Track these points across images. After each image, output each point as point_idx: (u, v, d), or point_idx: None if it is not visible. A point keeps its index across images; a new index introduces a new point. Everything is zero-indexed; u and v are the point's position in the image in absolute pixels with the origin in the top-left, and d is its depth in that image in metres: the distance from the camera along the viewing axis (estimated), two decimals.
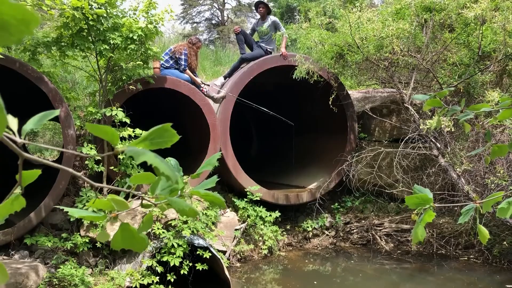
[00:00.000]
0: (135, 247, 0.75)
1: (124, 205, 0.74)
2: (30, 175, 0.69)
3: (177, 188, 0.74)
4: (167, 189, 0.73)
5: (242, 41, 8.60)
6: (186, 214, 0.73)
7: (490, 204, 1.12)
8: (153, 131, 0.64)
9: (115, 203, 0.73)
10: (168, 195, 0.73)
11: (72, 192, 6.65)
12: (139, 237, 0.74)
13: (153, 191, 0.74)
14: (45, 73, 6.11)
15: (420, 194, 1.06)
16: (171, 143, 0.66)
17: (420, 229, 1.06)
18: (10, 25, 0.45)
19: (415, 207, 1.07)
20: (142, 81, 6.62)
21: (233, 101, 7.67)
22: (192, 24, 30.82)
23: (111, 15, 5.90)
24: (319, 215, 8.34)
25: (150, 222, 0.79)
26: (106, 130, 0.64)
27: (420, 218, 1.06)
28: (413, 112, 7.00)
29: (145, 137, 0.64)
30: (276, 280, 6.57)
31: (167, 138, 0.65)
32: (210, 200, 0.81)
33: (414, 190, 1.11)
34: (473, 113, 1.29)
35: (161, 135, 0.64)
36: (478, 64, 6.85)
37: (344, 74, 8.10)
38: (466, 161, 6.47)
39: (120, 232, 0.74)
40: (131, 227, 0.72)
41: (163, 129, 0.64)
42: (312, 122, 9.64)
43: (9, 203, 0.65)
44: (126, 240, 0.74)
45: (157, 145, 0.63)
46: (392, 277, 6.71)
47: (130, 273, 5.52)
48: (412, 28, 6.76)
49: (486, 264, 6.82)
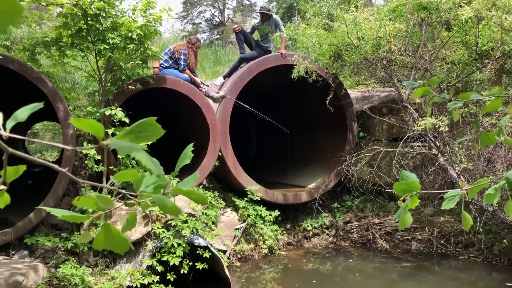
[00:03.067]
0: (117, 248, 0.75)
1: (109, 202, 0.74)
2: (14, 171, 0.69)
3: (162, 185, 0.74)
4: (151, 186, 0.74)
5: (241, 41, 8.60)
6: (169, 212, 0.73)
7: (476, 191, 1.13)
8: (138, 125, 0.65)
9: (99, 200, 0.73)
10: (152, 192, 0.73)
11: (72, 192, 6.67)
12: (121, 238, 0.73)
13: (138, 188, 0.74)
14: (45, 73, 6.12)
15: (408, 181, 1.07)
16: (156, 137, 0.67)
17: (407, 215, 1.07)
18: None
19: (403, 193, 1.07)
20: (141, 81, 6.63)
21: (233, 101, 7.68)
22: (193, 24, 30.81)
23: (110, 15, 5.91)
24: (319, 215, 8.35)
25: (134, 221, 0.79)
26: (90, 123, 0.64)
27: (406, 203, 1.07)
28: (412, 111, 7.01)
29: (130, 130, 0.64)
30: (276, 279, 6.58)
31: (152, 132, 0.65)
32: (193, 198, 0.81)
33: (402, 176, 1.11)
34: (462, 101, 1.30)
35: (146, 129, 0.64)
36: (476, 63, 6.85)
37: (343, 74, 8.10)
38: (465, 159, 6.47)
39: (103, 233, 0.73)
40: (113, 227, 0.72)
41: (148, 123, 0.64)
42: (312, 122, 9.65)
43: None
44: (108, 241, 0.74)
45: (142, 139, 0.64)
46: (392, 276, 6.71)
47: (130, 273, 5.53)
48: (408, 27, 6.76)
49: (486, 262, 6.82)
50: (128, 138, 0.63)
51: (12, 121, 0.61)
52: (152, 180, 0.74)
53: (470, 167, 6.47)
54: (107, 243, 0.74)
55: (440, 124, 5.63)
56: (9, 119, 0.62)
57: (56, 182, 5.93)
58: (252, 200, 7.59)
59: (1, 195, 0.64)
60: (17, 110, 0.65)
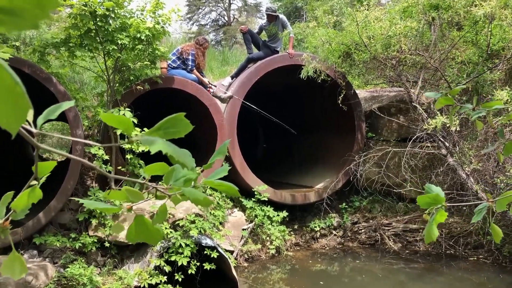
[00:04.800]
0: (150, 239, 0.74)
1: (139, 196, 0.74)
2: (46, 167, 0.69)
3: (191, 178, 0.74)
4: (180, 179, 0.73)
5: (249, 41, 8.59)
6: (201, 204, 0.72)
7: (505, 203, 1.11)
8: (167, 121, 0.64)
9: (130, 194, 0.73)
10: (181, 186, 0.73)
11: (81, 192, 6.69)
12: (154, 229, 0.73)
13: (167, 182, 0.74)
14: (54, 74, 6.15)
15: (431, 194, 1.05)
16: (185, 132, 0.66)
17: (433, 228, 1.05)
18: (25, 10, 0.44)
19: (427, 206, 1.05)
20: (149, 81, 6.64)
21: (240, 101, 7.68)
22: (199, 25, 30.89)
23: (118, 16, 5.92)
24: (326, 215, 8.32)
25: (165, 213, 0.79)
26: (120, 119, 0.64)
27: (432, 218, 1.05)
28: (421, 111, 6.96)
29: (159, 126, 0.64)
30: (283, 280, 6.56)
31: (181, 127, 0.64)
32: (224, 189, 0.81)
33: (426, 190, 1.09)
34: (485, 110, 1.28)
35: (175, 125, 0.63)
36: (487, 63, 6.79)
37: (352, 73, 8.06)
38: (475, 160, 6.42)
39: (135, 225, 0.73)
40: (146, 219, 0.72)
41: (177, 118, 0.64)
42: (320, 122, 9.62)
43: (25, 195, 0.64)
44: (140, 233, 0.73)
45: (171, 134, 0.63)
46: (400, 277, 6.67)
47: (138, 273, 5.54)
48: (419, 26, 6.72)
49: (496, 264, 6.76)
50: (157, 134, 0.63)
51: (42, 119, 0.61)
52: (182, 173, 0.74)
53: (479, 167, 6.42)
54: (139, 235, 0.74)
55: (451, 124, 5.58)
56: (39, 116, 0.62)
57: (65, 182, 5.95)
58: (260, 201, 7.58)
59: (33, 190, 0.64)
60: (48, 108, 0.64)
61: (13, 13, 0.44)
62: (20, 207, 0.65)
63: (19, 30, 0.47)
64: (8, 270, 0.63)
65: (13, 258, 0.63)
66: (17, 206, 0.65)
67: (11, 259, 0.63)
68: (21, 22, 0.44)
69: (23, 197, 0.64)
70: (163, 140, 0.61)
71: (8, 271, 0.63)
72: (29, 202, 0.65)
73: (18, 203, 0.65)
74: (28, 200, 0.64)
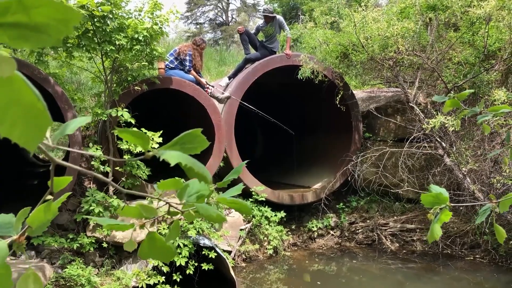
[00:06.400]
0: (162, 257, 0.74)
1: (153, 211, 0.74)
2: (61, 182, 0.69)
3: (204, 194, 0.74)
4: (194, 195, 0.74)
5: (246, 41, 8.59)
6: (214, 220, 0.73)
7: (508, 204, 1.12)
8: (184, 136, 0.65)
9: (144, 210, 0.73)
10: (195, 201, 0.73)
11: (78, 192, 6.68)
12: (167, 246, 0.73)
13: (181, 197, 0.74)
14: (51, 75, 6.13)
15: (435, 193, 1.07)
16: (201, 149, 0.67)
17: (437, 228, 1.07)
18: (49, 27, 0.44)
19: (431, 206, 1.07)
20: (147, 81, 6.63)
21: (238, 102, 7.68)
22: (196, 24, 30.84)
23: (116, 16, 5.91)
24: (324, 215, 8.34)
25: (178, 230, 0.79)
26: (137, 134, 0.64)
27: (437, 217, 1.07)
28: (418, 111, 6.99)
29: (176, 141, 0.64)
30: (281, 280, 6.57)
31: (197, 144, 0.65)
32: (237, 207, 0.81)
33: (430, 189, 1.11)
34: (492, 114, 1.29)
35: (191, 141, 0.64)
36: (483, 63, 6.83)
37: (349, 74, 8.09)
38: (471, 160, 6.46)
39: (147, 242, 0.73)
40: (158, 235, 0.72)
41: (193, 134, 0.64)
42: (317, 122, 9.64)
43: (40, 211, 0.65)
44: (153, 249, 0.73)
45: (188, 150, 0.63)
46: (397, 277, 6.70)
47: (136, 273, 5.54)
48: (417, 27, 6.75)
49: (492, 264, 6.79)
50: (174, 149, 0.63)
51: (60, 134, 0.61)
52: (195, 189, 0.74)
53: (476, 168, 6.45)
54: (152, 252, 0.74)
55: (451, 124, 5.61)
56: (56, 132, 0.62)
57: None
58: (257, 201, 7.59)
59: (48, 205, 0.64)
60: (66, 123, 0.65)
61: (37, 29, 0.44)
62: (36, 223, 0.65)
63: (42, 46, 0.47)
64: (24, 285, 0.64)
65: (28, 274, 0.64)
66: (32, 222, 0.65)
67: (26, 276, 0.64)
68: (45, 38, 0.45)
69: (38, 212, 0.64)
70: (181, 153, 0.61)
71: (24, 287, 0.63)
72: (46, 219, 0.65)
73: (33, 219, 0.65)
74: (44, 217, 0.65)
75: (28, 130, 0.47)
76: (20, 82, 0.46)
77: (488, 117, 1.30)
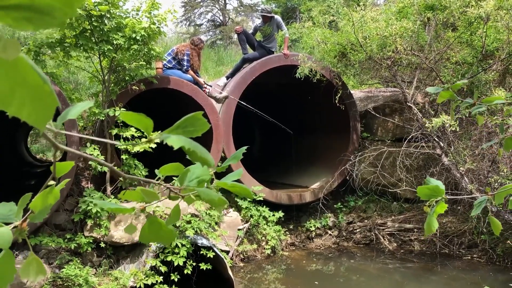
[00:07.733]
0: (163, 240, 0.74)
1: (155, 196, 0.74)
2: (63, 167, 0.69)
3: (204, 179, 0.74)
4: (194, 180, 0.73)
5: (244, 41, 8.59)
6: (215, 204, 0.73)
7: (503, 196, 1.12)
8: (185, 120, 0.65)
9: (145, 194, 0.73)
10: (195, 186, 0.73)
11: (76, 192, 6.66)
12: (167, 229, 0.74)
13: (182, 182, 0.74)
14: (49, 74, 6.12)
15: (432, 185, 1.06)
16: (202, 131, 0.67)
17: (433, 220, 1.06)
18: (53, 8, 0.44)
19: (427, 198, 1.07)
20: (145, 81, 6.63)
21: (236, 101, 7.68)
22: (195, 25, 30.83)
23: (114, 16, 5.90)
24: (322, 215, 8.34)
25: (178, 214, 0.79)
26: (140, 118, 0.64)
27: (432, 209, 1.06)
28: (416, 111, 7.00)
29: (178, 125, 0.64)
30: (279, 279, 6.57)
31: (199, 126, 0.65)
32: (237, 191, 0.81)
33: (426, 182, 1.11)
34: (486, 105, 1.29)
35: (193, 124, 0.64)
36: (481, 63, 6.84)
37: (347, 73, 8.10)
38: (469, 160, 6.47)
39: (148, 225, 0.73)
40: (159, 219, 0.72)
41: (195, 117, 0.65)
42: (315, 122, 9.64)
43: (43, 196, 0.64)
44: (153, 233, 0.74)
45: (190, 133, 0.64)
46: (395, 277, 6.70)
47: (134, 273, 5.53)
48: (415, 27, 6.76)
49: (489, 263, 6.81)
50: (176, 132, 0.63)
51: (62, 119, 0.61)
52: (196, 174, 0.74)
53: (474, 167, 6.47)
54: (152, 235, 0.74)
55: (450, 124, 5.62)
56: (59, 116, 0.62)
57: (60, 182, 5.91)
58: (255, 201, 7.58)
59: (50, 191, 0.64)
60: (68, 108, 0.64)
61: (41, 11, 0.44)
62: (38, 208, 0.65)
63: (46, 28, 0.47)
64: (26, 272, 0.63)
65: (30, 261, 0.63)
66: (35, 207, 0.65)
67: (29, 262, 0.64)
68: (49, 20, 0.45)
69: (41, 197, 0.64)
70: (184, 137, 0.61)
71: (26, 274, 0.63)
72: (48, 203, 0.65)
73: (35, 204, 0.65)
74: (46, 201, 0.64)
75: (36, 110, 0.47)
76: (26, 65, 0.46)
77: (483, 108, 1.30)
